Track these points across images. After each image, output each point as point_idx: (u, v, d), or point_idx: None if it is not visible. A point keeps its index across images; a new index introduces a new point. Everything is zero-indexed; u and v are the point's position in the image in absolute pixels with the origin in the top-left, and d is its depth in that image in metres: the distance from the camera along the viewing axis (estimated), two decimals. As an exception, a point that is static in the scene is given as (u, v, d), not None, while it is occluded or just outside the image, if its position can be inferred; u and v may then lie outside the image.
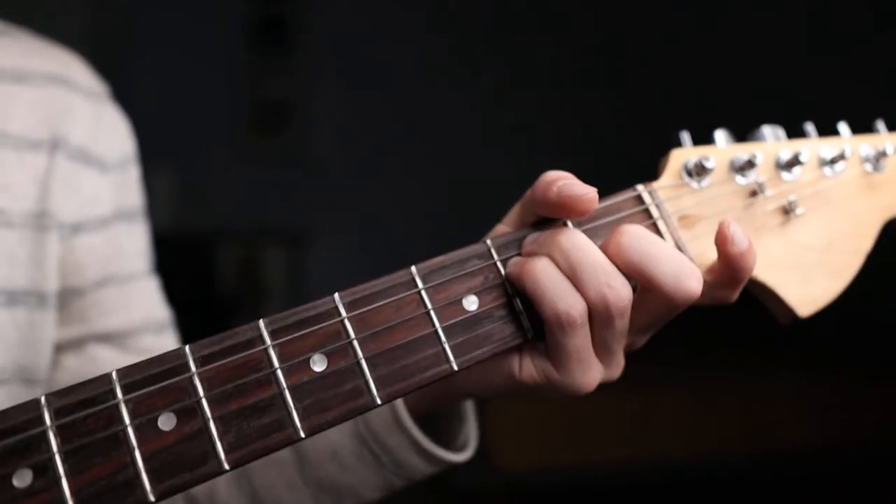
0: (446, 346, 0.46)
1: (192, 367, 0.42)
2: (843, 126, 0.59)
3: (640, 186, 0.53)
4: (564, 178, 0.48)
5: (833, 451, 2.44)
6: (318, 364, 0.44)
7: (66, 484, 0.39)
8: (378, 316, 0.46)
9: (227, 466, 0.41)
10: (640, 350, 0.53)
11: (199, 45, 3.58)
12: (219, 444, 0.41)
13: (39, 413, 0.40)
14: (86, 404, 0.41)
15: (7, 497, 0.38)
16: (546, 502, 2.50)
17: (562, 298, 0.46)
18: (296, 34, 3.73)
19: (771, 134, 0.57)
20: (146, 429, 0.41)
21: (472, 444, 0.62)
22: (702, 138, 0.56)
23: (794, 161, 0.55)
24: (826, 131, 0.59)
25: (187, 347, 0.43)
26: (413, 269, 0.48)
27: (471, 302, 0.48)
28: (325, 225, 3.70)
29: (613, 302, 0.46)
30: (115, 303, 0.72)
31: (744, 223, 0.53)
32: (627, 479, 2.40)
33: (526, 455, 2.33)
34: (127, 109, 0.79)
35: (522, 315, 0.48)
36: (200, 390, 0.42)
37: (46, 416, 0.40)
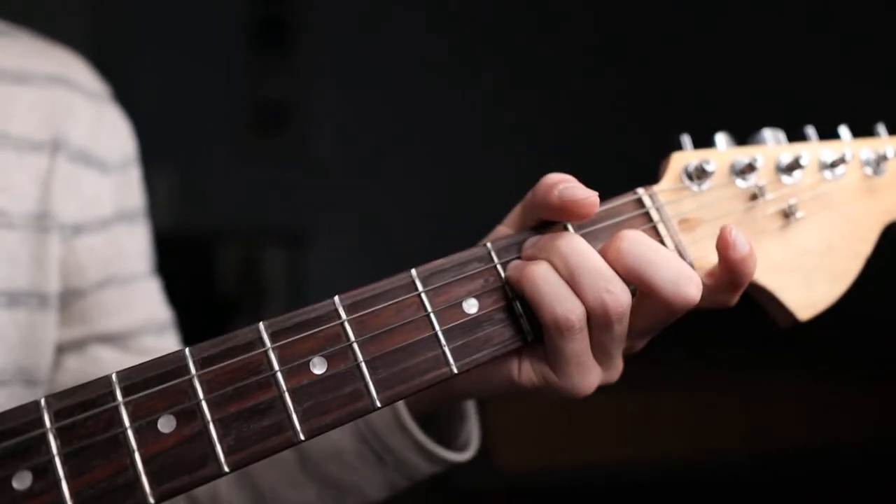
0: (446, 349, 0.46)
1: (192, 370, 0.42)
2: (844, 129, 0.59)
3: (641, 190, 0.53)
4: (566, 182, 0.48)
5: (833, 451, 2.44)
6: (318, 367, 0.44)
7: (65, 486, 0.39)
8: (378, 319, 0.46)
9: (226, 469, 0.41)
10: (640, 350, 0.53)
11: (199, 45, 3.58)
12: (218, 447, 0.41)
13: (39, 415, 0.40)
14: (86, 406, 0.41)
15: (7, 499, 0.38)
16: (546, 502, 2.50)
17: (560, 303, 0.46)
18: (296, 34, 3.73)
19: (771, 137, 0.57)
20: (146, 431, 0.41)
21: (475, 442, 0.62)
22: (702, 138, 0.56)
23: (795, 164, 0.55)
24: (827, 134, 0.59)
25: (187, 350, 0.43)
26: (413, 271, 0.47)
27: (471, 305, 0.48)
28: (325, 225, 3.70)
29: (612, 307, 0.46)
30: (116, 304, 0.72)
31: (744, 227, 0.53)
32: (627, 479, 2.40)
33: (526, 455, 2.33)
34: (127, 110, 0.79)
35: (522, 318, 0.48)
36: (200, 393, 0.42)
37: (46, 418, 0.40)
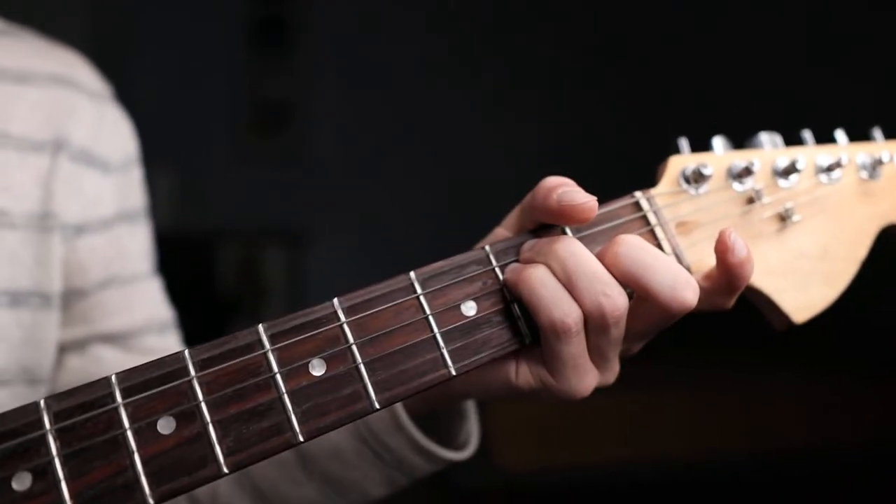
0: (444, 351, 0.46)
1: (192, 371, 0.42)
2: (840, 133, 0.59)
3: (638, 193, 0.53)
4: (565, 186, 0.48)
5: (833, 451, 2.44)
6: (317, 368, 0.44)
7: (65, 487, 0.39)
8: (377, 321, 0.46)
9: (225, 470, 0.41)
10: (640, 350, 0.53)
11: (199, 45, 3.58)
12: (218, 448, 0.41)
13: (39, 416, 0.40)
14: (85, 408, 0.41)
15: (6, 500, 0.38)
16: (546, 502, 2.50)
17: (557, 306, 0.46)
18: (296, 34, 3.73)
19: (768, 141, 0.57)
20: (145, 432, 0.41)
21: (474, 441, 0.62)
22: (702, 139, 0.56)
23: (791, 168, 0.55)
24: (823, 138, 0.59)
25: (186, 351, 0.43)
26: (412, 274, 0.48)
27: (469, 307, 0.48)
28: (325, 225, 3.70)
29: (609, 310, 0.46)
30: (118, 303, 0.73)
31: (740, 230, 0.53)
32: (627, 479, 2.40)
33: (526, 455, 2.33)
34: (127, 109, 0.79)
35: (520, 320, 0.48)
36: (200, 394, 0.42)
37: (46, 419, 0.40)
